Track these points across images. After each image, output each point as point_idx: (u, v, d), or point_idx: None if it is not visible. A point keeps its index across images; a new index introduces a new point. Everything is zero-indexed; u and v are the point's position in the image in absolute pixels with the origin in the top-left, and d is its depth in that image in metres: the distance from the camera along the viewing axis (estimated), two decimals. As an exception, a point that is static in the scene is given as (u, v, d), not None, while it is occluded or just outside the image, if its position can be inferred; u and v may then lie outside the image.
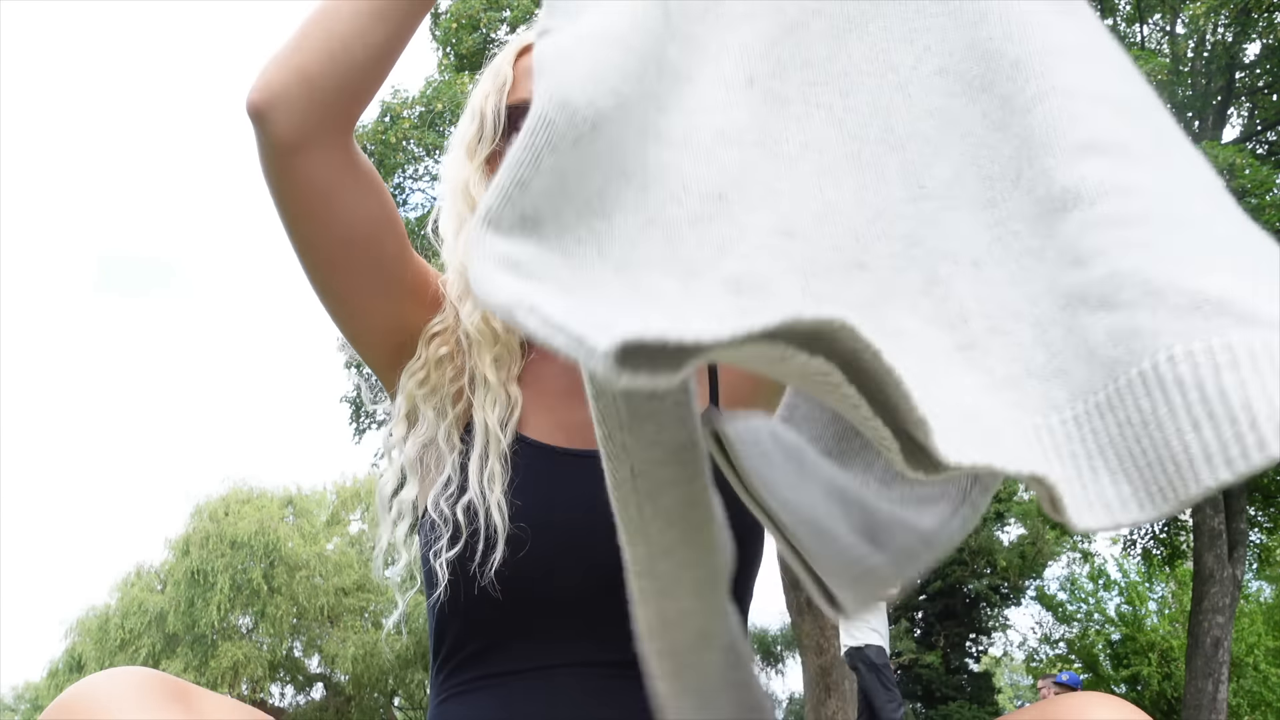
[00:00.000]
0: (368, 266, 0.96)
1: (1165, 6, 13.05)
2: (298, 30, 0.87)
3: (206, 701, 0.73)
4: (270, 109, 0.85)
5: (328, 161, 0.89)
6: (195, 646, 19.71)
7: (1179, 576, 17.96)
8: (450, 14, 12.39)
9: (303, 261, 0.95)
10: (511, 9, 12.06)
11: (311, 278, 0.97)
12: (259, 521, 20.14)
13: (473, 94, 1.06)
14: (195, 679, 19.12)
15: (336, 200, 0.91)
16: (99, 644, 19.74)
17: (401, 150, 11.65)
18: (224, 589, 19.48)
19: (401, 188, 12.72)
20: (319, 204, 0.90)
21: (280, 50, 0.87)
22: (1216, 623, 11.52)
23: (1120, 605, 19.79)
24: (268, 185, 0.90)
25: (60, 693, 0.70)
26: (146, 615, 19.70)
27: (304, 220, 0.91)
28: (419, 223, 12.29)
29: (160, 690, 0.70)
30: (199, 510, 20.63)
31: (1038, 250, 0.48)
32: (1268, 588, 19.61)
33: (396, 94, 11.71)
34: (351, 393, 13.07)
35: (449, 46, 12.63)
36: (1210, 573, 11.69)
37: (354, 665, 20.16)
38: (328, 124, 0.87)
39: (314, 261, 0.95)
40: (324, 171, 0.89)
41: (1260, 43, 12.38)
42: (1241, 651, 17.66)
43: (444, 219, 1.08)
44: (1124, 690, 17.89)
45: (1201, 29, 12.58)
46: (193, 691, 0.73)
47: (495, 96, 1.02)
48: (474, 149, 1.03)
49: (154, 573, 21.15)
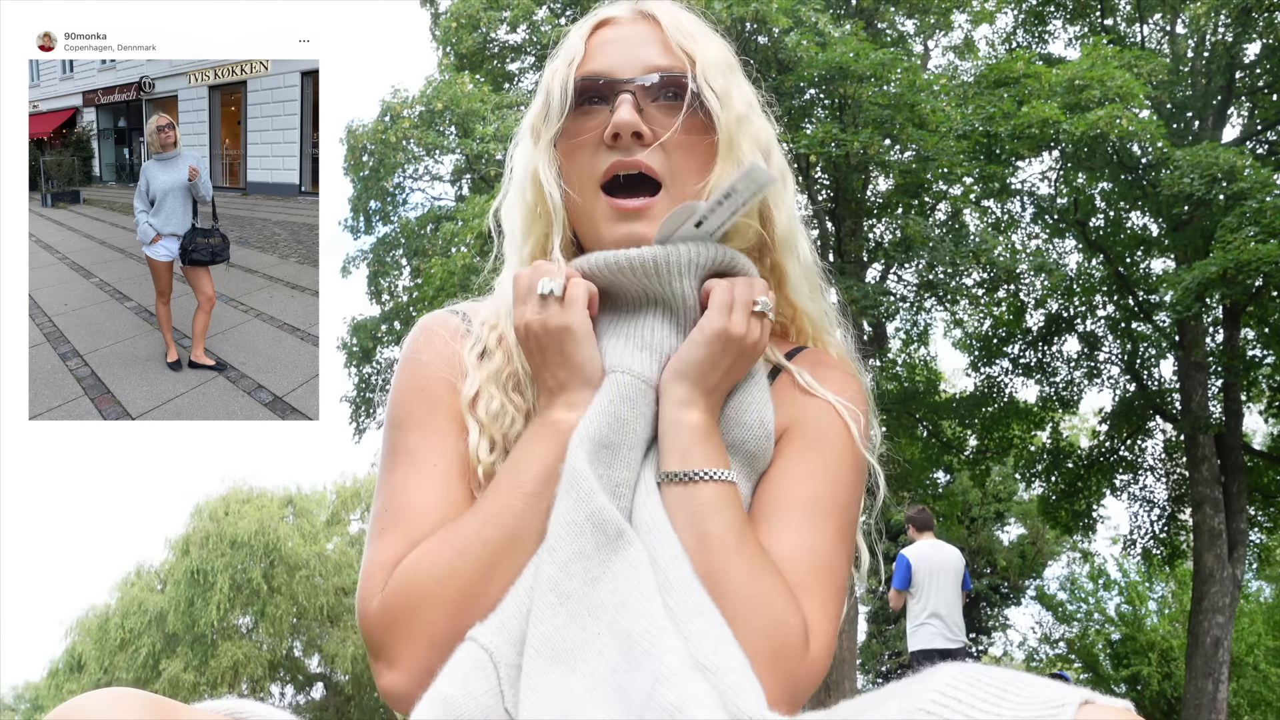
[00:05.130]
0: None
1: (1165, 6, 13.04)
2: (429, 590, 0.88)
3: (194, 719, 0.73)
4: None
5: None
6: (195, 646, 19.71)
7: (1179, 576, 17.96)
8: (450, 14, 12.38)
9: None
10: (511, 9, 12.05)
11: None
12: (259, 521, 20.14)
13: (545, 71, 1.03)
14: (195, 679, 19.12)
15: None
16: (99, 644, 19.75)
17: (401, 150, 11.64)
18: (224, 589, 19.49)
19: (401, 187, 12.71)
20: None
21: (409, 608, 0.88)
22: (1216, 623, 11.52)
23: (1120, 605, 19.79)
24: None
25: (59, 693, 0.70)
26: (146, 615, 19.70)
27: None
28: (419, 223, 12.28)
29: (145, 713, 0.69)
30: (199, 510, 20.64)
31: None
32: (1268, 588, 19.62)
33: (396, 94, 11.70)
34: (351, 393, 13.07)
35: (449, 46, 12.62)
36: (1210, 573, 11.69)
37: (354, 665, 20.17)
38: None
39: None
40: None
41: (1260, 43, 12.37)
42: (1241, 651, 17.66)
43: (508, 207, 1.06)
44: (1124, 690, 17.89)
45: (1201, 29, 12.57)
46: (178, 711, 0.72)
47: (565, 71, 0.99)
48: (539, 129, 1.01)
49: (154, 572, 21.15)
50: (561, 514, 0.87)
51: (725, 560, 0.86)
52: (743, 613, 0.84)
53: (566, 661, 0.81)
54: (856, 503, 1.00)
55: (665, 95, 0.96)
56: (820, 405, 1.00)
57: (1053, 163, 12.54)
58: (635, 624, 0.80)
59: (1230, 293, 10.13)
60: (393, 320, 12.55)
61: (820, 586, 0.91)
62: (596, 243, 0.98)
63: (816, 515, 0.94)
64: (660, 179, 0.95)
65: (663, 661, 0.76)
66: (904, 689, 0.72)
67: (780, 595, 0.86)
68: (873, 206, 12.46)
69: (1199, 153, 10.23)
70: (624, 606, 0.82)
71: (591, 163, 0.96)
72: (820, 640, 0.88)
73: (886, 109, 10.20)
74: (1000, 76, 10.93)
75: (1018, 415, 14.12)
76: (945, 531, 16.59)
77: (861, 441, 1.00)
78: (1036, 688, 0.68)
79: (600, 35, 1.01)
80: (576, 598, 0.84)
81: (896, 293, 12.65)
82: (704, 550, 0.87)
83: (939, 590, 6.48)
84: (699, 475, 0.90)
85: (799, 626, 0.86)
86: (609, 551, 0.85)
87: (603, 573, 0.85)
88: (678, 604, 0.83)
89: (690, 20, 1.02)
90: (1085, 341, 13.78)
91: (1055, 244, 13.85)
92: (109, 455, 69.68)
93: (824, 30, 10.33)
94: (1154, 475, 14.45)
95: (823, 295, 1.09)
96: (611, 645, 0.80)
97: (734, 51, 1.05)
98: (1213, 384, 12.56)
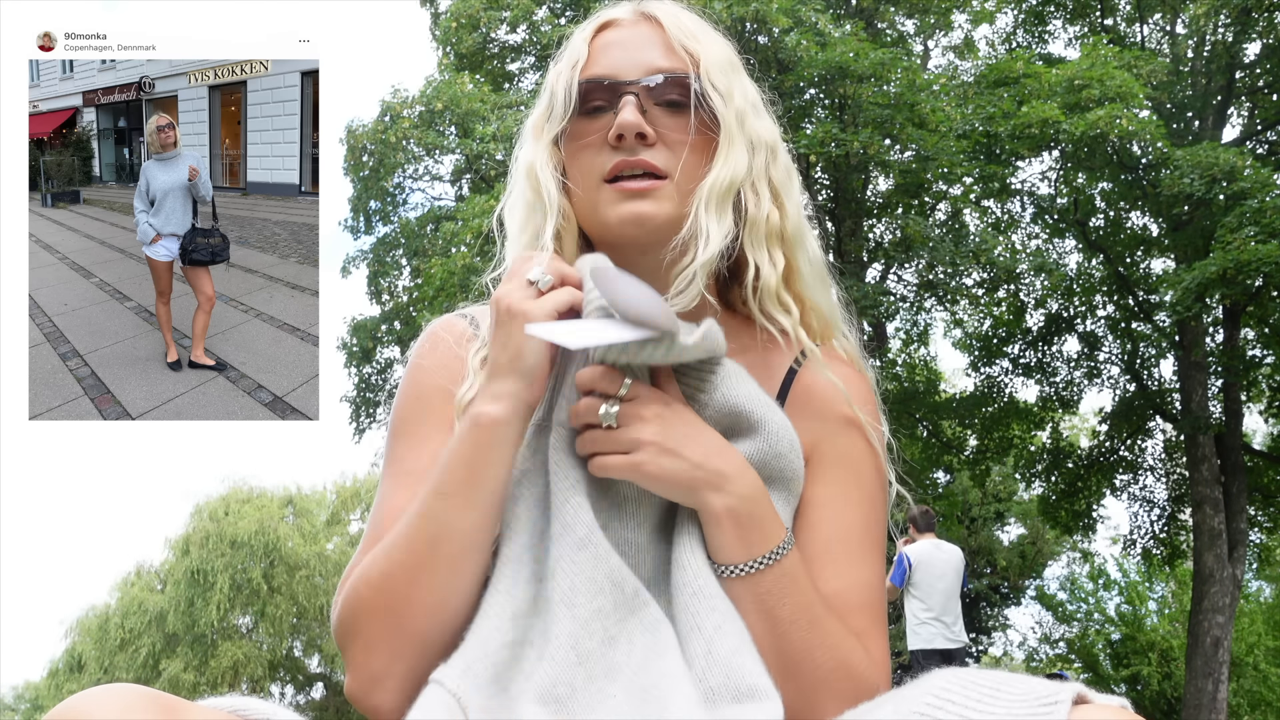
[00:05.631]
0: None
1: (1165, 6, 13.04)
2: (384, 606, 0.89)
3: (196, 717, 0.73)
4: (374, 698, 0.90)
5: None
6: (195, 646, 19.71)
7: (1179, 576, 17.96)
8: (450, 14, 12.38)
9: None
10: (511, 9, 12.05)
11: None
12: (259, 521, 20.14)
13: (548, 74, 1.03)
14: (195, 679, 19.12)
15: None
16: (99, 644, 19.74)
17: (402, 150, 11.64)
18: (224, 589, 19.48)
19: (401, 187, 12.70)
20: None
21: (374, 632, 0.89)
22: (1216, 623, 11.52)
23: (1120, 605, 19.79)
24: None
25: (59, 693, 0.70)
26: (146, 615, 19.70)
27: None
28: (419, 223, 12.28)
29: (148, 709, 0.69)
30: (199, 510, 20.64)
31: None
32: (1268, 588, 19.62)
33: (396, 94, 11.70)
34: (351, 393, 13.07)
35: (449, 46, 12.62)
36: (1210, 573, 11.68)
37: (354, 665, 20.14)
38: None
39: None
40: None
41: (1260, 43, 12.37)
42: (1241, 651, 17.66)
43: (510, 206, 1.06)
44: (1124, 690, 17.89)
45: (1201, 29, 12.56)
46: (181, 707, 0.73)
47: (569, 73, 0.99)
48: (542, 127, 1.01)
49: (154, 572, 21.15)
50: (581, 570, 0.86)
51: (802, 640, 0.87)
52: (826, 686, 0.87)
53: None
54: (888, 517, 1.03)
55: (669, 96, 0.96)
56: (842, 419, 1.00)
57: (1053, 163, 12.54)
58: (648, 679, 0.80)
59: (1230, 293, 10.13)
60: (393, 320, 12.55)
61: (878, 626, 0.95)
62: (602, 228, 0.97)
63: (864, 546, 0.97)
64: (664, 175, 0.95)
65: (667, 706, 0.76)
66: (899, 694, 0.73)
67: (859, 661, 0.89)
68: (873, 206, 12.46)
69: (1199, 153, 10.22)
70: (642, 669, 0.81)
71: (595, 161, 0.96)
72: (885, 678, 0.92)
73: (886, 109, 10.20)
74: (1000, 76, 10.93)
75: (1018, 415, 14.12)
76: (945, 531, 16.59)
77: (883, 455, 1.02)
78: (1030, 685, 0.69)
79: (603, 37, 1.01)
80: (595, 658, 0.83)
81: (896, 293, 12.65)
82: (777, 634, 0.87)
83: (940, 590, 6.49)
84: (761, 563, 0.88)
85: (876, 684, 0.89)
86: (625, 611, 0.85)
87: (619, 632, 0.84)
88: (719, 684, 0.82)
89: (692, 20, 1.02)
90: (1085, 341, 13.78)
91: (1055, 244, 13.85)
92: (109, 455, 69.71)
93: (824, 30, 10.33)
94: (1154, 475, 14.45)
95: (830, 291, 1.09)
96: (626, 704, 0.80)
97: (737, 50, 1.05)
98: (1213, 384, 12.56)
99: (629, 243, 0.97)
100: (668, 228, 0.95)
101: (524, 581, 0.88)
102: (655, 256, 0.97)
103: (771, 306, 1.01)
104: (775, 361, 1.03)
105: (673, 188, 0.95)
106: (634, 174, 0.95)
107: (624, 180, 0.95)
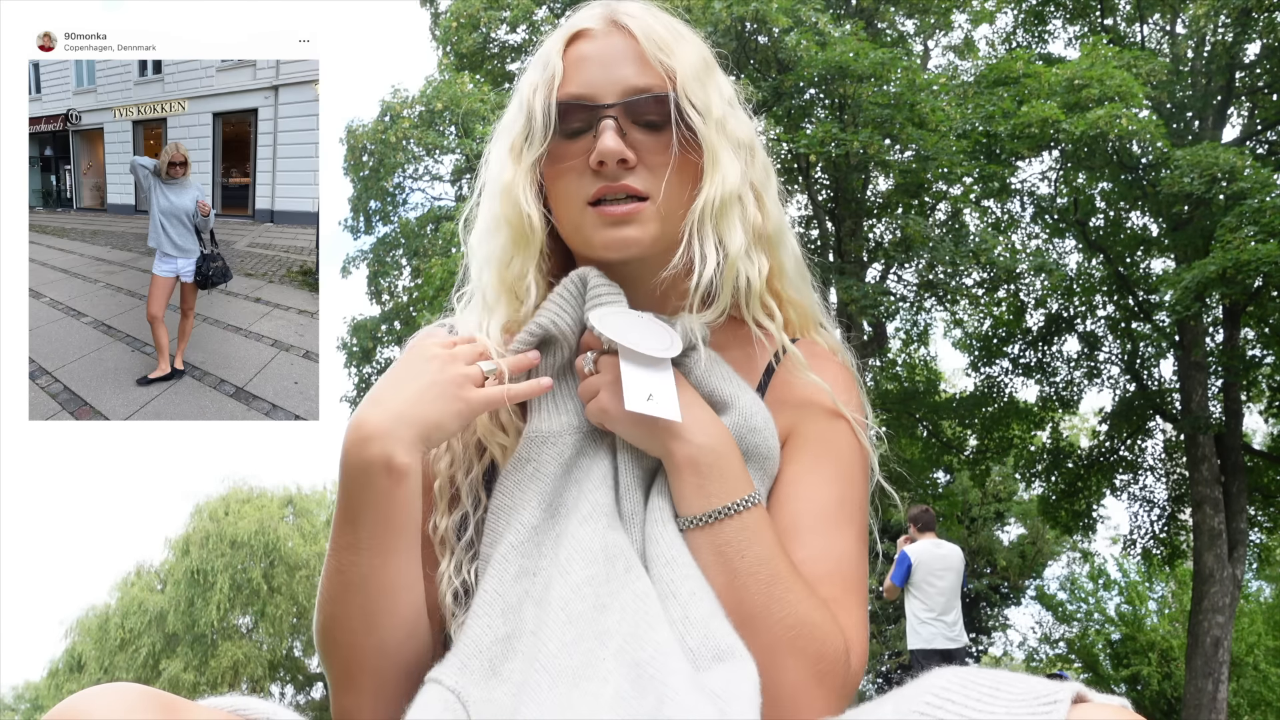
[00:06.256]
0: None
1: (1165, 6, 13.03)
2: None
3: (197, 716, 0.73)
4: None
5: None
6: (195, 646, 19.71)
7: (1179, 576, 17.96)
8: (450, 14, 12.38)
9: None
10: (511, 9, 12.05)
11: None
12: (259, 521, 20.15)
13: (520, 83, 1.03)
14: (195, 679, 19.13)
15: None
16: (99, 644, 19.75)
17: (401, 150, 11.64)
18: (224, 589, 19.49)
19: (401, 187, 12.70)
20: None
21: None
22: (1216, 622, 11.52)
23: (1120, 605, 19.79)
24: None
25: (59, 693, 0.70)
26: (146, 615, 19.70)
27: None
28: (419, 222, 12.28)
29: (148, 709, 0.69)
30: (199, 510, 20.64)
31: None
32: (1268, 588, 19.62)
33: (396, 94, 11.70)
34: (351, 393, 13.07)
35: (449, 46, 12.62)
36: (1210, 573, 11.68)
37: (354, 665, 20.14)
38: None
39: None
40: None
41: (1260, 43, 12.36)
42: (1241, 651, 17.66)
43: (480, 217, 1.05)
44: (1124, 690, 17.89)
45: (1201, 29, 12.56)
46: (182, 707, 0.72)
47: (544, 91, 0.98)
48: (521, 150, 1.00)
49: (154, 572, 21.16)
50: (580, 542, 0.89)
51: (761, 595, 0.86)
52: (786, 645, 0.85)
53: (570, 679, 0.82)
54: (868, 499, 1.02)
55: (648, 116, 0.96)
56: (821, 405, 1.01)
57: (1053, 162, 12.54)
58: (642, 653, 0.80)
59: (1230, 293, 10.13)
60: (393, 320, 12.55)
61: (852, 596, 0.93)
62: (587, 249, 0.99)
63: (838, 520, 0.96)
64: (647, 197, 0.96)
65: (667, 684, 0.77)
66: (899, 694, 0.73)
67: (821, 622, 0.87)
68: (873, 206, 12.45)
69: (1199, 152, 10.22)
70: (633, 637, 0.82)
71: (578, 185, 0.97)
72: (858, 650, 0.90)
73: (886, 109, 10.20)
74: (1000, 76, 10.93)
75: (1018, 415, 14.12)
76: (945, 531, 16.59)
77: (866, 441, 1.01)
78: (1029, 684, 0.69)
79: (577, 50, 1.00)
80: (585, 620, 0.85)
81: (896, 293, 12.65)
82: (737, 588, 0.87)
83: (940, 590, 6.49)
84: (721, 513, 0.90)
85: (842, 648, 0.88)
86: (618, 583, 0.87)
87: (610, 600, 0.86)
88: (698, 645, 0.83)
89: (663, 25, 1.01)
90: (1085, 341, 13.78)
91: (1055, 244, 13.85)
92: (109, 455, 69.73)
93: (824, 30, 10.32)
94: (1154, 475, 14.45)
95: (810, 287, 1.10)
96: (618, 673, 0.80)
97: (708, 44, 1.04)
98: (1213, 384, 12.56)
99: (614, 264, 0.98)
100: (652, 249, 0.97)
101: (511, 579, 0.90)
102: (645, 273, 0.99)
103: (755, 307, 1.02)
104: (756, 357, 1.04)
105: (655, 209, 0.96)
106: (616, 198, 0.95)
107: (606, 205, 0.96)
